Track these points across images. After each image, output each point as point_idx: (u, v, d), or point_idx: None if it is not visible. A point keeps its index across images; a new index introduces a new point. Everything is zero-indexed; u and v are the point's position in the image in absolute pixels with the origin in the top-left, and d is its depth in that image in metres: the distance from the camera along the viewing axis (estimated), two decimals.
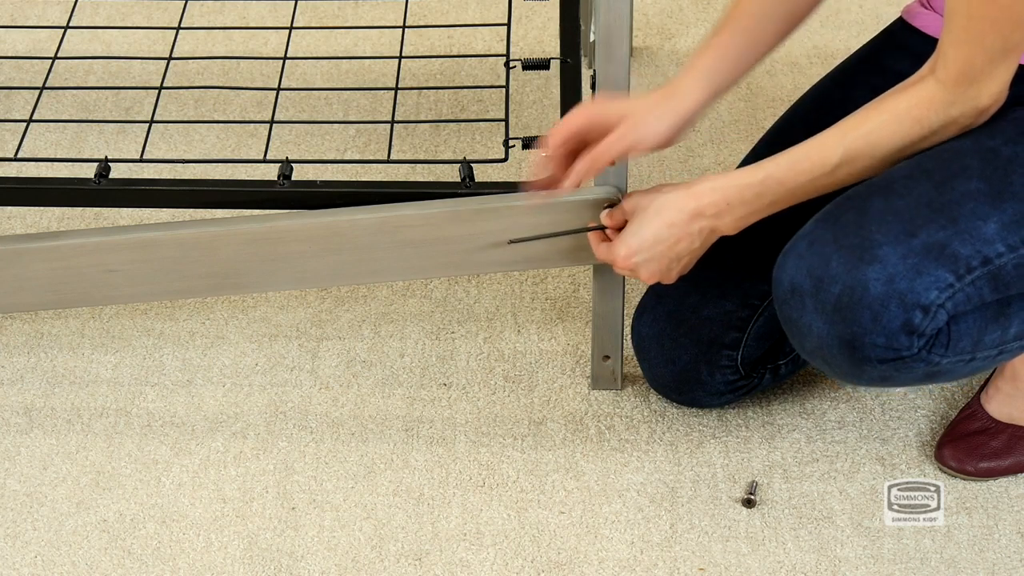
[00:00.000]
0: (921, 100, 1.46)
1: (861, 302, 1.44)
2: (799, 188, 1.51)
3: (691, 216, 1.55)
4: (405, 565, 1.65)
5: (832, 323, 1.46)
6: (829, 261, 1.45)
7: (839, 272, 1.45)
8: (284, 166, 1.70)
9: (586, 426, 1.79)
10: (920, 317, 1.43)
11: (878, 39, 1.76)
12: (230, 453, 1.77)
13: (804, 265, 1.47)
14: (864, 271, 1.43)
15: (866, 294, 1.43)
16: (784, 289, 1.50)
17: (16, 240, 1.69)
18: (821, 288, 1.46)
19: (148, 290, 1.71)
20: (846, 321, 1.45)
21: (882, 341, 1.45)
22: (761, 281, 1.71)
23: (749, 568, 1.64)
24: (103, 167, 1.70)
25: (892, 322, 1.44)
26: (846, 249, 1.45)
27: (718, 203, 1.54)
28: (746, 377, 1.75)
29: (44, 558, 1.66)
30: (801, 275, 1.47)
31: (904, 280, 1.43)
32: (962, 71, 1.42)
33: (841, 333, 1.46)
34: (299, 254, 1.67)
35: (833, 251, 1.45)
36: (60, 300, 1.72)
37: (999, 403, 1.74)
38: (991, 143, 1.47)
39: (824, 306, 1.46)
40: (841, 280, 1.44)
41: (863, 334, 1.45)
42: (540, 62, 1.79)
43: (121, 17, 2.46)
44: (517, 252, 1.68)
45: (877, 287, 1.43)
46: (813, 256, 1.47)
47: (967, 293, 1.44)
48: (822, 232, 1.47)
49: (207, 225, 1.67)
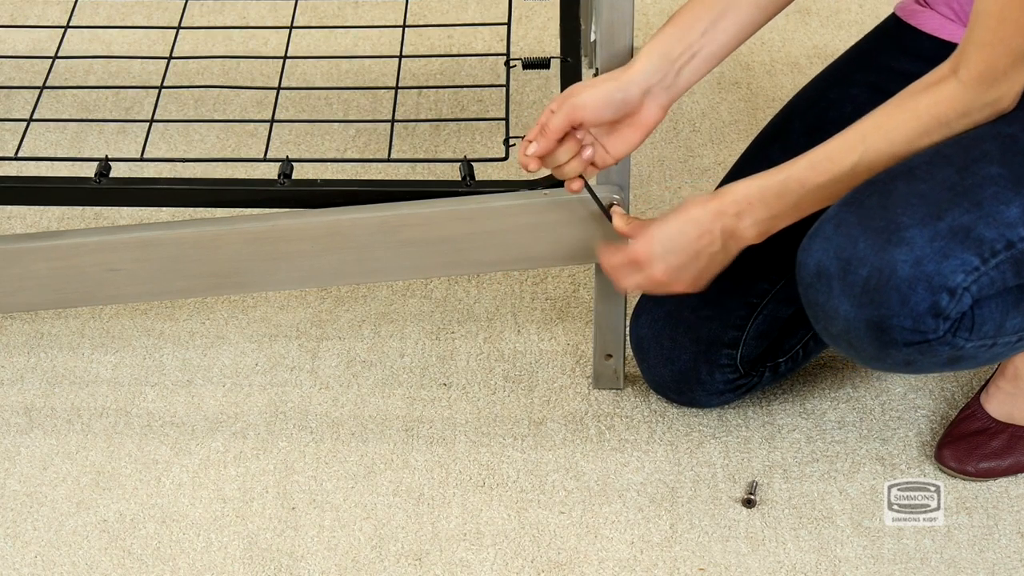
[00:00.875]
0: (942, 100, 1.46)
1: (889, 284, 1.43)
2: (820, 189, 1.50)
3: (714, 214, 1.54)
4: (405, 565, 1.65)
5: (860, 306, 1.46)
6: (856, 243, 1.45)
7: (867, 254, 1.44)
8: (284, 165, 1.70)
9: (586, 426, 1.79)
10: (947, 300, 1.43)
11: (872, 37, 1.76)
12: (230, 453, 1.77)
13: (831, 247, 1.46)
14: (892, 253, 1.43)
15: (894, 276, 1.43)
16: (810, 272, 1.49)
17: (16, 240, 1.69)
18: (849, 270, 1.45)
19: (149, 289, 1.71)
20: (874, 304, 1.45)
21: (909, 324, 1.45)
22: (760, 279, 1.71)
23: (749, 568, 1.64)
24: (103, 166, 1.70)
25: (919, 304, 1.43)
26: (873, 231, 1.44)
27: (739, 202, 1.53)
28: (745, 376, 1.75)
29: (44, 558, 1.66)
30: (828, 257, 1.47)
31: (931, 263, 1.43)
32: (984, 73, 1.43)
33: (869, 316, 1.46)
34: (300, 253, 1.67)
35: (860, 233, 1.45)
36: (61, 300, 1.72)
37: (999, 403, 1.74)
38: (1008, 130, 1.48)
39: (852, 288, 1.45)
40: (869, 262, 1.44)
41: (891, 316, 1.44)
42: (540, 61, 1.79)
43: (121, 17, 2.46)
44: (517, 252, 1.68)
45: (905, 269, 1.43)
46: (840, 238, 1.46)
47: (991, 277, 1.44)
48: (848, 215, 1.47)
49: (208, 224, 1.67)
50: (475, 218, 1.65)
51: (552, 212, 1.65)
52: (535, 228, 1.66)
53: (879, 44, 1.74)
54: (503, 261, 1.70)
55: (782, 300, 1.72)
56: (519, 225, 1.66)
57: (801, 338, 1.75)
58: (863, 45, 1.76)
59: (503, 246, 1.67)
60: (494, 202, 1.65)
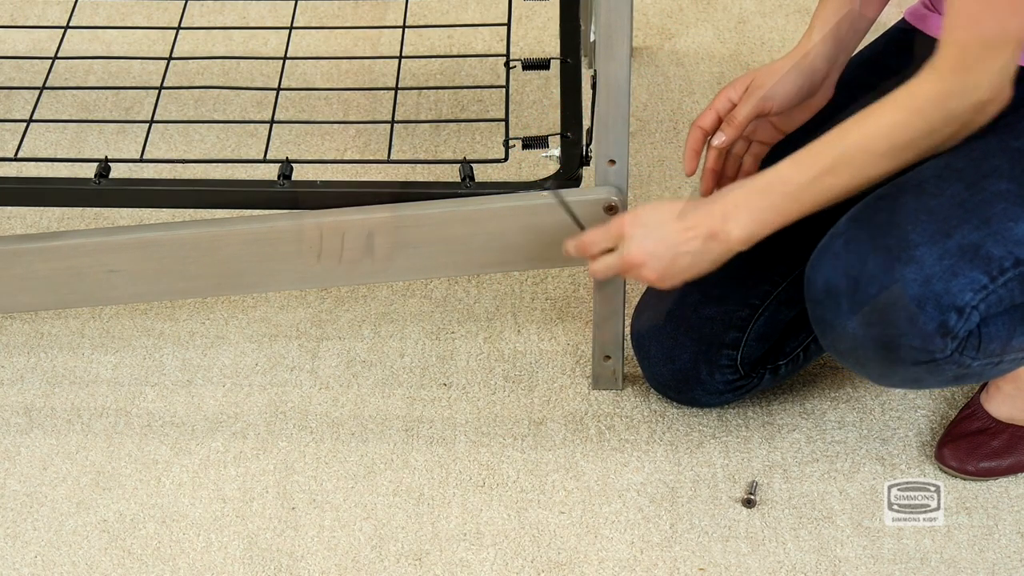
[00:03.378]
0: (917, 91, 1.44)
1: (898, 303, 1.43)
2: (803, 188, 1.49)
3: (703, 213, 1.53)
4: (405, 565, 1.65)
5: (868, 325, 1.45)
6: (866, 261, 1.45)
7: (876, 272, 1.44)
8: (284, 166, 1.70)
9: (586, 426, 1.79)
10: (955, 319, 1.43)
11: (881, 41, 1.76)
12: (230, 453, 1.77)
13: (840, 265, 1.46)
14: (901, 272, 1.43)
15: (903, 295, 1.43)
16: (818, 290, 1.49)
17: (16, 240, 1.69)
18: (858, 288, 1.45)
19: (149, 290, 1.71)
20: (883, 323, 1.45)
21: (918, 343, 1.44)
22: (762, 281, 1.71)
23: (749, 568, 1.64)
24: (103, 167, 1.70)
25: (928, 324, 1.43)
26: (883, 249, 1.44)
27: (727, 204, 1.52)
28: (745, 377, 1.75)
29: (44, 558, 1.66)
30: (837, 275, 1.47)
31: (940, 282, 1.42)
32: (957, 60, 1.41)
33: (877, 335, 1.45)
34: (299, 254, 1.67)
35: (869, 251, 1.45)
36: (60, 300, 1.72)
37: (999, 402, 1.74)
38: (1016, 144, 1.47)
39: (860, 307, 1.45)
40: (878, 281, 1.44)
41: (899, 336, 1.44)
42: (540, 62, 1.79)
43: (121, 17, 2.46)
44: (517, 253, 1.68)
45: (914, 288, 1.43)
46: (850, 255, 1.46)
47: (999, 295, 1.44)
48: (857, 231, 1.46)
49: (207, 225, 1.67)
50: (475, 219, 1.65)
51: (551, 213, 1.65)
52: (535, 229, 1.66)
53: (888, 49, 1.74)
54: (503, 262, 1.70)
55: (784, 303, 1.72)
56: (519, 226, 1.66)
57: (802, 341, 1.75)
58: (873, 50, 1.76)
59: (503, 247, 1.67)
60: (494, 203, 1.65)
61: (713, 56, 2.36)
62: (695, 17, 2.44)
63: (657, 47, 2.38)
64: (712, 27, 2.42)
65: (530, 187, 1.66)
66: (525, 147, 1.71)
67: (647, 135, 2.21)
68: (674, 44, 2.38)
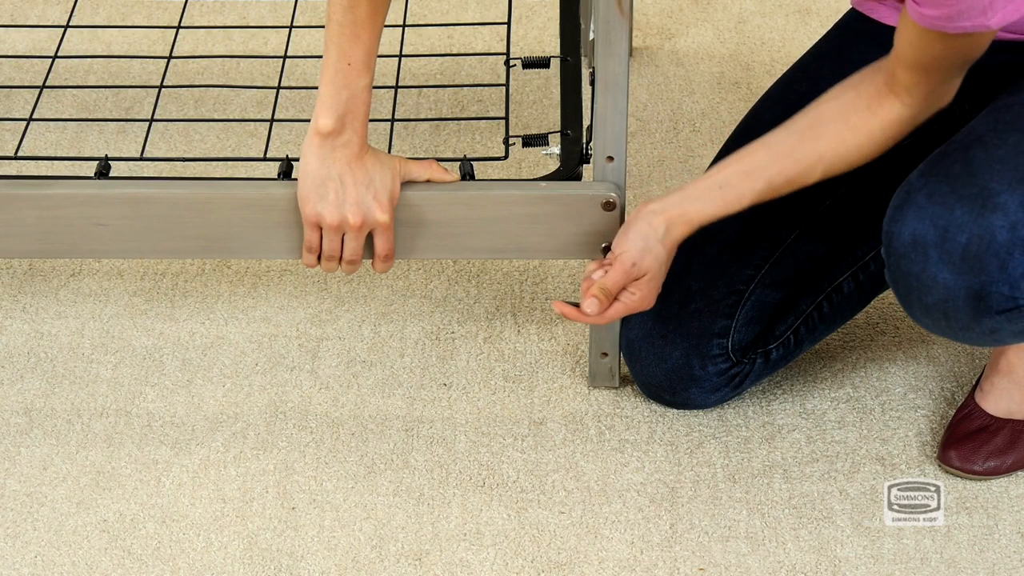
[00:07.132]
0: (892, 123, 1.53)
1: (989, 250, 1.44)
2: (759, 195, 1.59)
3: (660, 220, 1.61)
4: (405, 565, 1.65)
5: (960, 273, 1.46)
6: (953, 210, 1.45)
7: (965, 221, 1.45)
8: (284, 164, 1.70)
9: (586, 426, 1.79)
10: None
11: (835, 31, 1.79)
12: (230, 453, 1.77)
13: (926, 216, 1.46)
14: (989, 219, 1.44)
15: (993, 242, 1.44)
16: (903, 242, 1.48)
17: (7, 186, 1.67)
18: (947, 238, 1.45)
19: (136, 247, 1.69)
20: (974, 271, 1.45)
21: (1007, 290, 1.45)
22: (745, 266, 1.72)
23: (749, 568, 1.64)
24: (103, 166, 1.70)
25: (1016, 270, 1.45)
26: (967, 199, 1.45)
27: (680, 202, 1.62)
28: (738, 364, 1.74)
29: (44, 558, 1.66)
30: (924, 226, 1.47)
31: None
32: (927, 95, 1.51)
33: (969, 283, 1.46)
34: (291, 223, 1.67)
35: (955, 201, 1.45)
36: (47, 250, 1.70)
37: (996, 399, 1.74)
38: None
39: (951, 256, 1.45)
40: (968, 229, 1.44)
41: (990, 283, 1.45)
42: (540, 60, 1.79)
43: (121, 17, 2.46)
44: (512, 241, 1.68)
45: (1003, 235, 1.44)
46: (935, 207, 1.46)
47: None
48: (937, 184, 1.47)
49: (201, 186, 1.66)
50: (472, 204, 1.65)
51: (549, 204, 1.65)
52: (531, 218, 1.66)
53: (844, 38, 1.76)
54: (497, 249, 1.70)
55: (768, 285, 1.72)
56: (515, 215, 1.66)
57: (791, 324, 1.75)
58: (829, 41, 1.79)
59: (498, 234, 1.67)
60: (492, 189, 1.65)
61: (713, 56, 2.36)
62: (695, 17, 2.44)
63: (657, 47, 2.38)
64: (712, 27, 2.42)
65: None
66: (525, 145, 1.72)
67: (647, 135, 2.21)
68: (674, 44, 2.38)
